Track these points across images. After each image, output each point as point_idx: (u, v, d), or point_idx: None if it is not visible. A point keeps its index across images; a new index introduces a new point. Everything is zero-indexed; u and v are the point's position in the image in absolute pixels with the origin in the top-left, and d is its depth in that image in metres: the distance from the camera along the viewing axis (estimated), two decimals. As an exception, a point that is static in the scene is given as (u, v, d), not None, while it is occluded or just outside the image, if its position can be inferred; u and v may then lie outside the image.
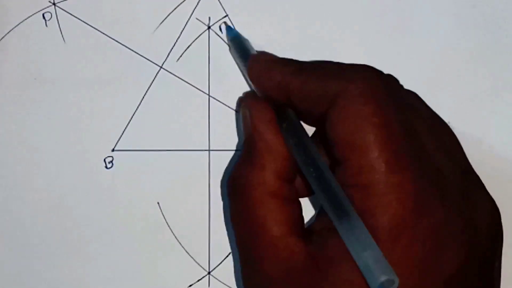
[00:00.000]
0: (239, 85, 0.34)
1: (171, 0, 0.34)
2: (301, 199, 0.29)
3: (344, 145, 0.24)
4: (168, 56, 0.34)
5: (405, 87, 0.30)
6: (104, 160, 0.33)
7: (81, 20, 0.33)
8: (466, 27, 0.34)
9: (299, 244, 0.25)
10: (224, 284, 0.33)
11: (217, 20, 0.34)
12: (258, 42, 0.34)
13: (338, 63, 0.28)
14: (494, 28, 0.34)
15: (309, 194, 0.30)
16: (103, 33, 0.33)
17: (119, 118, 0.33)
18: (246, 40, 0.32)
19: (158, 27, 0.34)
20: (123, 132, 0.33)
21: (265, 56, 0.30)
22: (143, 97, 0.33)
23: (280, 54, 0.34)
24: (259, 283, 0.25)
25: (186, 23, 0.34)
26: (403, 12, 0.34)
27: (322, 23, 0.34)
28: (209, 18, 0.34)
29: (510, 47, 0.34)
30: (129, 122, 0.33)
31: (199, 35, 0.34)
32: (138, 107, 0.33)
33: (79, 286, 0.33)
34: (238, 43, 0.32)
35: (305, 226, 0.28)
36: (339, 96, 0.24)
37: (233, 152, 0.33)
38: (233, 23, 0.34)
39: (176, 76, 0.33)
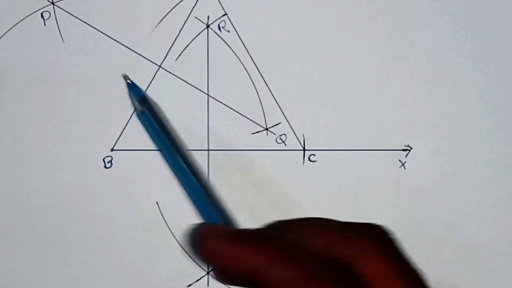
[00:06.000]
0: (239, 85, 0.33)
1: (169, -1, 0.34)
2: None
3: None
4: (166, 55, 0.33)
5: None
6: (103, 159, 0.33)
7: (80, 20, 0.33)
8: (466, 27, 0.34)
9: None
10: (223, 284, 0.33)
11: (216, 18, 0.34)
12: (257, 42, 0.34)
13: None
14: (494, 28, 0.34)
15: None
16: (102, 32, 0.33)
17: (118, 118, 0.33)
18: (156, 104, 0.30)
19: (156, 26, 0.33)
20: (122, 131, 0.33)
21: (221, 232, 0.27)
22: (142, 96, 0.33)
23: (280, 53, 0.34)
24: None
25: (185, 22, 0.34)
26: (403, 12, 0.34)
27: (322, 23, 0.34)
28: (208, 16, 0.34)
29: (510, 47, 0.34)
30: (128, 122, 0.33)
31: (198, 34, 0.34)
32: (137, 106, 0.33)
33: (78, 285, 0.33)
34: (148, 107, 0.30)
35: None
36: None
37: (232, 152, 0.33)
38: (232, 22, 0.34)
39: (175, 75, 0.33)
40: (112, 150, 0.33)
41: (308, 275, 0.24)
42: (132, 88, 0.30)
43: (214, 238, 0.26)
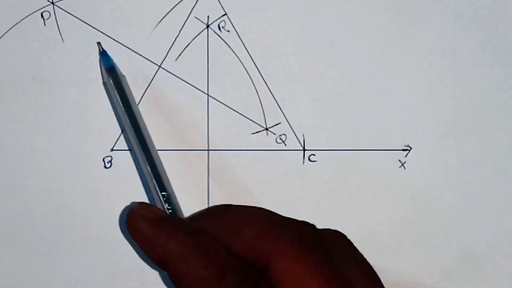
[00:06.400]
0: (239, 84, 0.33)
1: (169, -1, 0.34)
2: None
3: None
4: (166, 55, 0.33)
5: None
6: (103, 159, 0.33)
7: (80, 19, 0.33)
8: (467, 27, 0.34)
9: None
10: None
11: (216, 18, 0.34)
12: (257, 42, 0.34)
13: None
14: (496, 28, 0.34)
15: None
16: (102, 32, 0.33)
17: (117, 118, 0.33)
18: (123, 76, 0.32)
19: (156, 26, 0.33)
20: (122, 131, 0.33)
21: (149, 215, 0.26)
22: (142, 96, 0.33)
23: (280, 53, 0.34)
24: None
25: (185, 22, 0.34)
26: (403, 12, 0.34)
27: (322, 23, 0.34)
28: (208, 16, 0.34)
29: (510, 47, 0.34)
30: (128, 122, 0.33)
31: (198, 34, 0.34)
32: (136, 106, 0.33)
33: (78, 286, 0.33)
34: (114, 78, 0.31)
35: None
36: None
37: (232, 152, 0.33)
38: (232, 22, 0.34)
39: (175, 75, 0.33)
40: (112, 150, 0.33)
41: (215, 275, 0.23)
42: (103, 56, 0.30)
43: (140, 219, 0.26)
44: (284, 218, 0.26)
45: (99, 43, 0.31)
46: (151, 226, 0.26)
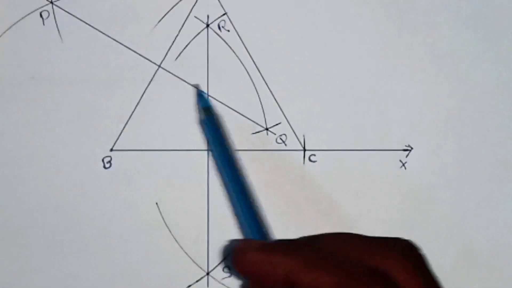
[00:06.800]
0: (239, 84, 0.33)
1: (169, -2, 0.34)
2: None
3: None
4: (166, 55, 0.33)
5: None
6: (103, 160, 0.33)
7: (79, 19, 0.33)
8: (467, 27, 0.34)
9: None
10: (223, 284, 0.33)
11: (216, 18, 0.34)
12: (257, 41, 0.33)
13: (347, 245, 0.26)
14: (496, 27, 0.34)
15: None
16: (101, 32, 0.33)
17: (117, 118, 0.33)
18: (219, 116, 0.32)
19: (156, 25, 0.33)
20: (121, 131, 0.33)
21: (255, 244, 0.27)
22: (142, 96, 0.33)
23: (280, 53, 0.34)
24: None
25: (185, 21, 0.33)
26: (403, 12, 0.34)
27: (322, 23, 0.34)
28: (208, 16, 0.34)
29: (510, 47, 0.34)
30: (127, 122, 0.33)
31: (198, 34, 0.34)
32: (136, 106, 0.33)
33: (77, 286, 0.33)
34: (211, 118, 0.32)
35: None
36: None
37: (232, 152, 0.33)
38: (232, 21, 0.33)
39: (174, 75, 0.33)
40: (111, 150, 0.33)
41: (344, 280, 0.24)
42: (201, 96, 0.31)
43: (250, 251, 0.27)
44: (378, 237, 0.27)
45: (197, 85, 0.31)
46: (264, 253, 0.26)
